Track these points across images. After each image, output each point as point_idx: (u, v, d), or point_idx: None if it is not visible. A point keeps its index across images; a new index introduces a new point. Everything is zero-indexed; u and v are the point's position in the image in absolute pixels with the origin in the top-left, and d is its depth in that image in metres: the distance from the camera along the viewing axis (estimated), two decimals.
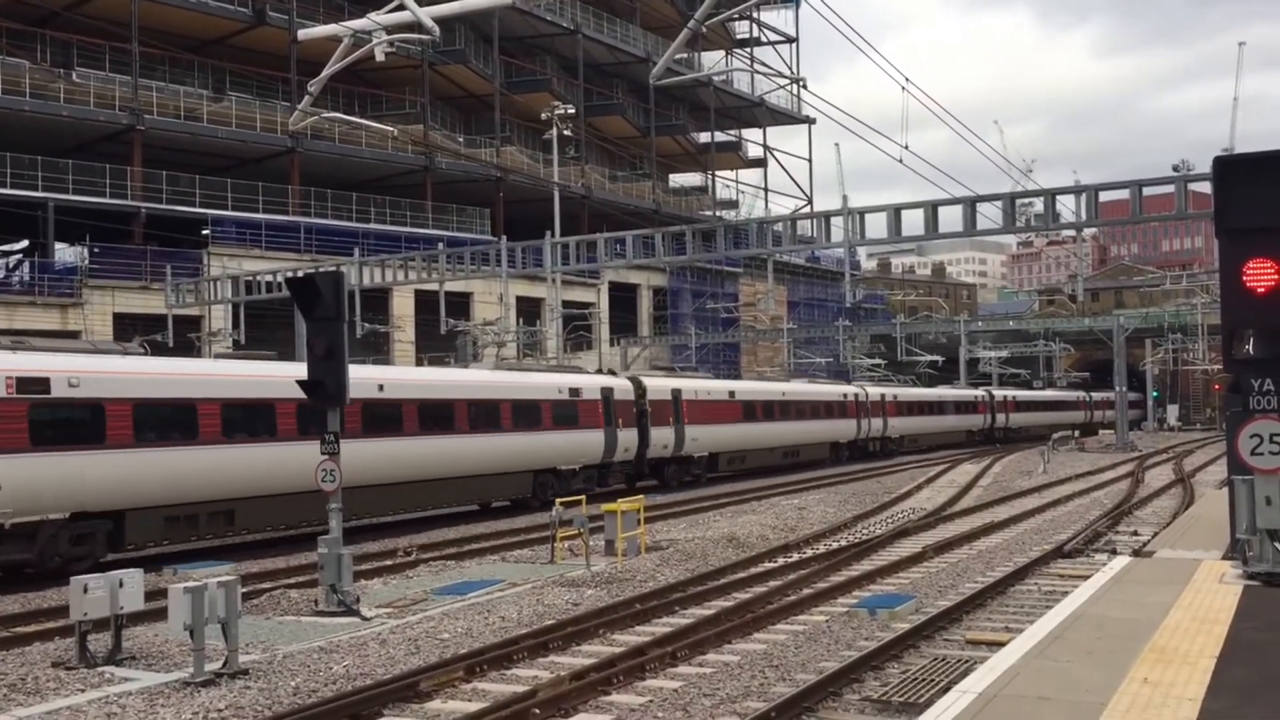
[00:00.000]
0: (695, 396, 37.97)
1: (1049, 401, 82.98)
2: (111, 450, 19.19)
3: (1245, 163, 13.07)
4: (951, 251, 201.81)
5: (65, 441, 18.64)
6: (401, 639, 13.22)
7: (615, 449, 32.88)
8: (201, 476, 20.51)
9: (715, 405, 39.27)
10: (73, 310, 42.54)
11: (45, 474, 18.16)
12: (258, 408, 22.09)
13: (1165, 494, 30.78)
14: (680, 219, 63.04)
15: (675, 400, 36.67)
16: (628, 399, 33.92)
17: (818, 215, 33.13)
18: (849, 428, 50.73)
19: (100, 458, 19.05)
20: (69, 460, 18.60)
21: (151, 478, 19.88)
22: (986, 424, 69.90)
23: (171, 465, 20.20)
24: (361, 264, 37.59)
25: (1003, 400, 73.44)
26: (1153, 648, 9.19)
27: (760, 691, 10.64)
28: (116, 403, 19.15)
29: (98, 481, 19.03)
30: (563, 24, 65.48)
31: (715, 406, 39.25)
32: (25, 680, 11.50)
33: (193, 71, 53.70)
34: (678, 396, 36.86)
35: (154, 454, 19.92)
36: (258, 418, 22.04)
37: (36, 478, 17.95)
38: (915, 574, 17.66)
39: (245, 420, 21.85)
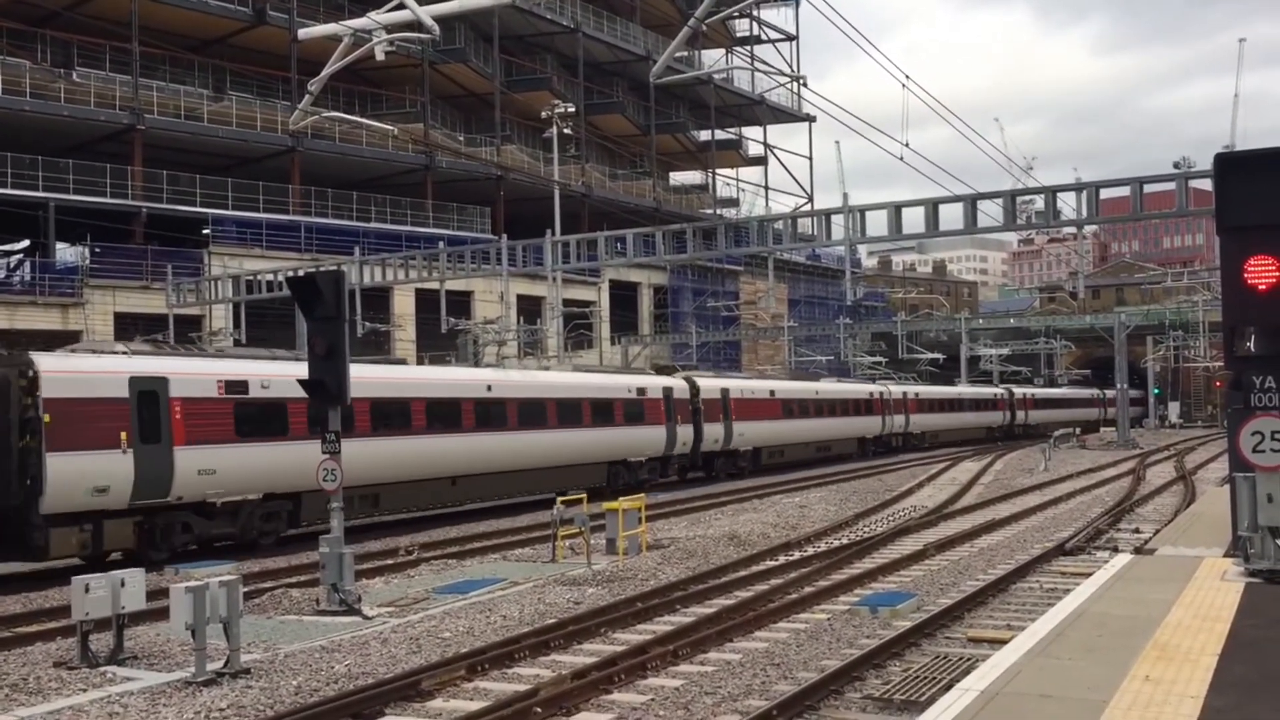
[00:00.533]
0: (741, 395, 40.86)
1: (1066, 399, 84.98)
2: (293, 441, 22.29)
3: (1246, 160, 13.05)
4: (952, 249, 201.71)
5: (260, 434, 21.96)
6: (403, 638, 13.22)
7: (675, 443, 35.99)
8: (357, 464, 22.32)
9: (758, 403, 42.25)
10: (73, 310, 42.55)
11: (247, 461, 21.42)
12: (397, 406, 25.40)
13: (1167, 491, 30.76)
14: (681, 217, 63.05)
15: (724, 399, 39.38)
16: (684, 398, 36.85)
17: (818, 213, 33.11)
18: (875, 424, 53.69)
19: (285, 448, 22.27)
20: (263, 450, 21.93)
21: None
22: (1007, 420, 72.01)
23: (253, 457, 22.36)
24: (362, 263, 37.59)
25: (1022, 398, 75.63)
26: (1154, 645, 9.18)
27: (762, 690, 10.64)
28: (296, 401, 21.34)
29: (283, 468, 22.16)
30: (563, 22, 65.46)
31: (758, 404, 42.22)
32: (27, 680, 11.50)
33: (193, 71, 53.71)
34: (726, 395, 39.60)
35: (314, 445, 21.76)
36: (397, 414, 25.35)
37: (241, 464, 21.24)
38: (917, 572, 17.65)
39: (388, 416, 25.00)
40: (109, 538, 19.45)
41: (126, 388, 19.73)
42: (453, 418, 26.74)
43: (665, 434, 35.50)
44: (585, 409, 31.76)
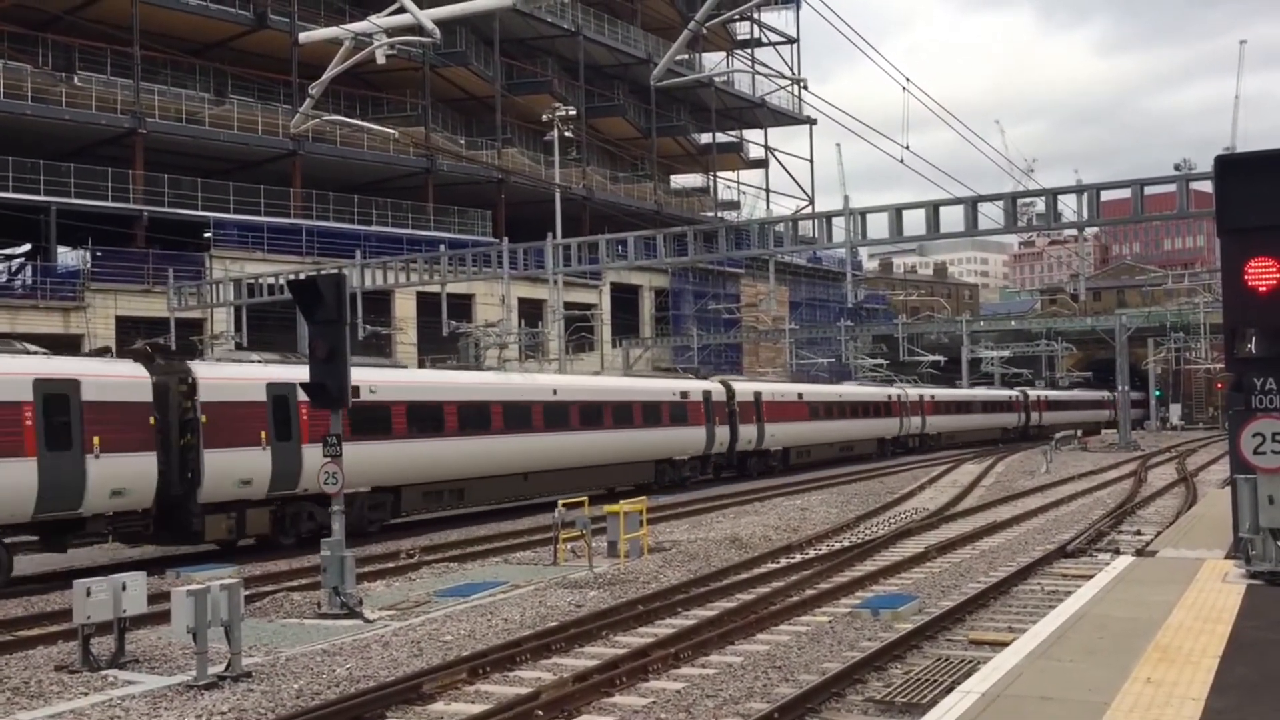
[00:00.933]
0: (772, 398, 43.26)
1: (1078, 401, 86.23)
2: (395, 440, 25.10)
3: (1247, 162, 13.06)
4: (953, 251, 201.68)
5: (369, 433, 24.17)
6: (404, 641, 13.22)
7: (714, 443, 38.56)
8: (447, 461, 26.44)
9: (787, 406, 44.70)
10: (75, 313, 42.58)
11: (360, 457, 22.80)
12: (479, 408, 27.87)
13: (1168, 493, 30.75)
14: (682, 220, 63.07)
15: (757, 402, 41.82)
16: (721, 400, 39.34)
17: (819, 216, 33.10)
18: (893, 425, 56.10)
19: (389, 445, 24.95)
20: (372, 447, 24.22)
21: (417, 461, 25.82)
22: (1021, 422, 73.91)
23: (429, 452, 26.15)
24: (363, 266, 37.58)
25: (1036, 400, 77.42)
26: (1156, 647, 9.18)
27: (763, 692, 10.64)
28: (398, 404, 25.07)
29: (387, 464, 24.76)
30: (563, 26, 65.50)
31: (787, 407, 44.68)
32: (29, 684, 11.51)
33: (194, 75, 53.76)
34: (759, 398, 42.04)
35: (419, 443, 25.92)
36: (480, 416, 27.79)
37: (355, 460, 21.85)
38: (918, 574, 17.65)
39: (472, 418, 27.51)
40: (250, 524, 21.86)
41: (265, 392, 22.20)
42: (525, 419, 29.35)
43: (705, 434, 38.03)
44: (636, 411, 34.39)
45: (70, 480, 18.74)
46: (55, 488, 18.49)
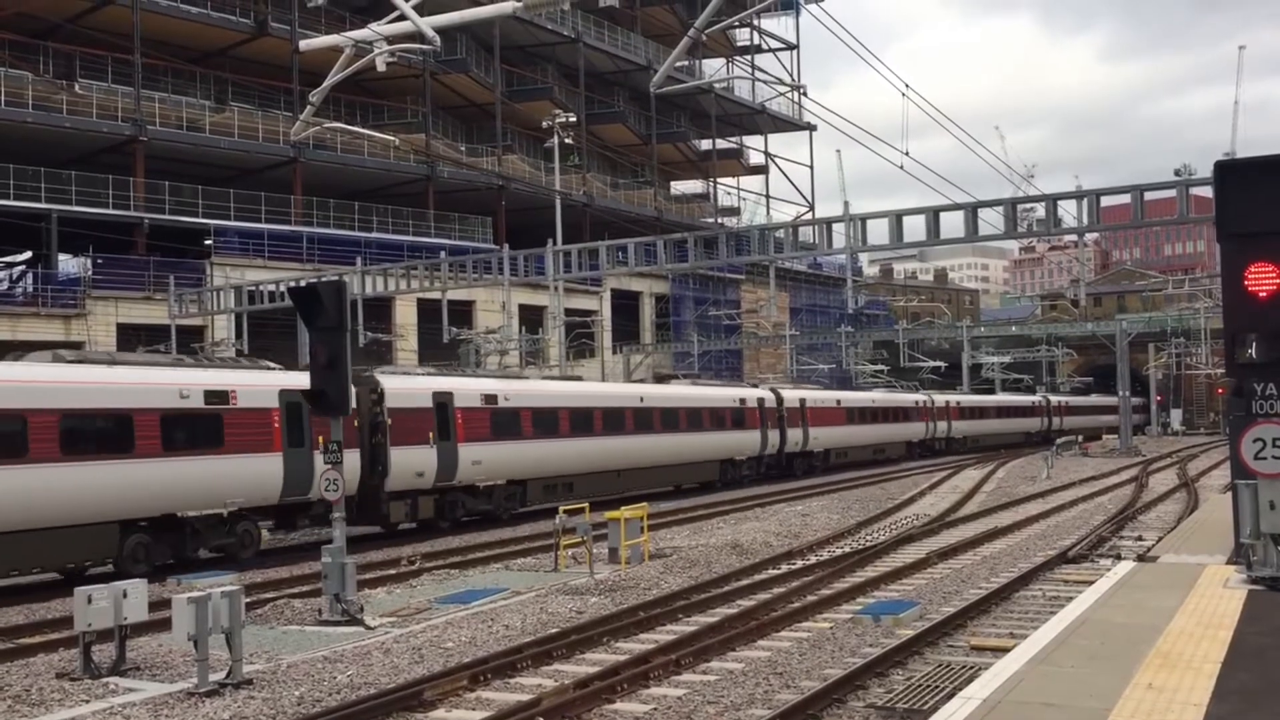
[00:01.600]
0: (815, 404, 47.15)
1: (1095, 406, 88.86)
2: (525, 440, 29.34)
3: (1246, 167, 13.07)
4: (953, 257, 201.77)
5: (505, 435, 28.47)
6: (405, 648, 13.21)
7: (767, 445, 42.43)
8: (560, 458, 30.68)
9: (828, 410, 48.52)
10: (76, 321, 42.61)
11: (499, 455, 28.10)
12: (585, 414, 31.88)
13: (1169, 499, 30.73)
14: (682, 226, 63.21)
15: (802, 407, 45.64)
16: (773, 406, 43.12)
17: (820, 222, 33.15)
18: (921, 429, 60.18)
19: (520, 445, 29.13)
20: (508, 446, 28.57)
21: (539, 458, 29.98)
22: (1044, 426, 76.70)
23: (548, 451, 30.25)
24: (364, 273, 37.64)
25: (1058, 405, 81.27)
26: (1157, 653, 9.18)
27: (764, 699, 10.63)
28: (525, 410, 29.35)
29: (519, 460, 29.20)
30: (564, 33, 65.58)
31: (828, 412, 48.46)
32: (30, 691, 11.51)
33: (195, 82, 53.83)
34: (804, 404, 45.91)
35: (540, 443, 30.03)
36: (585, 421, 31.74)
37: (496, 456, 28.01)
38: (919, 580, 17.64)
39: (578, 422, 31.46)
40: (420, 509, 26.11)
41: (430, 399, 26.41)
42: (620, 423, 33.33)
43: (760, 437, 41.90)
44: (705, 416, 38.19)
45: (304, 471, 22.56)
46: (294, 477, 22.51)
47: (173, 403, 20.63)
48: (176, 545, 20.78)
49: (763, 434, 41.86)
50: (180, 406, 20.75)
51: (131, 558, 19.67)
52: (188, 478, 20.65)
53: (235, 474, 21.41)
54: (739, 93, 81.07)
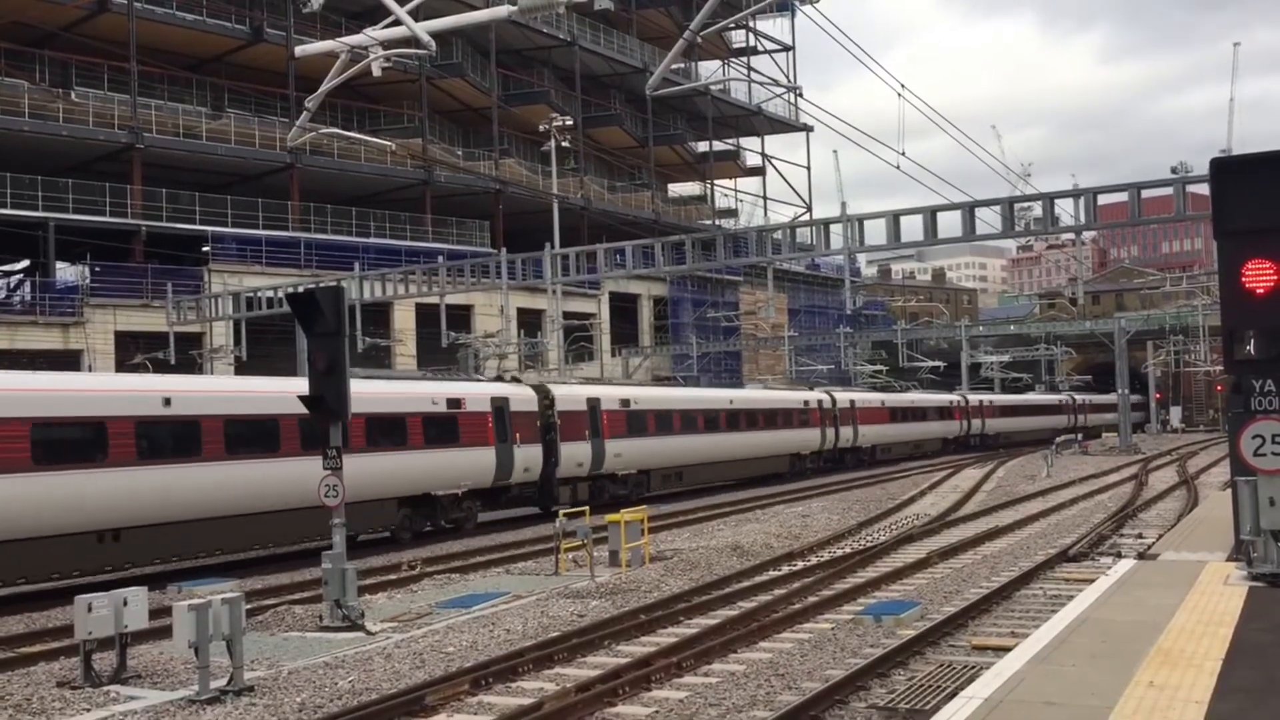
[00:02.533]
0: (863, 405, 52.83)
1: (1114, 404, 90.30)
2: (649, 437, 35.06)
3: (1243, 164, 13.08)
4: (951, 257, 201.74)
5: (637, 433, 34.52)
6: (406, 653, 13.21)
7: (824, 441, 47.97)
8: (675, 452, 36.54)
9: (873, 410, 54.21)
10: (74, 329, 42.57)
11: (633, 448, 34.33)
12: (691, 415, 37.81)
13: (1169, 496, 30.74)
14: (679, 228, 63.17)
15: (852, 407, 51.19)
16: (829, 407, 48.66)
17: (817, 223, 33.14)
18: (955, 426, 65.61)
19: (646, 440, 34.94)
20: (639, 442, 34.51)
21: (660, 451, 35.67)
22: (1071, 423, 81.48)
23: (665, 445, 35.97)
24: (362, 278, 37.63)
25: (1083, 403, 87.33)
26: (1158, 651, 9.17)
27: (766, 700, 10.62)
28: (650, 412, 35.36)
29: (646, 453, 35.06)
30: (559, 36, 65.58)
31: (873, 411, 54.12)
32: (30, 700, 11.49)
33: (191, 89, 53.80)
34: (853, 405, 51.46)
35: (660, 439, 35.68)
36: (692, 421, 37.78)
37: (631, 450, 34.22)
38: (920, 580, 17.64)
39: (687, 423, 37.42)
40: (579, 494, 31.33)
41: (585, 404, 32.20)
42: (716, 423, 39.22)
43: (820, 434, 47.65)
44: (779, 417, 44.20)
45: (507, 461, 28.48)
46: (502, 466, 28.30)
47: (430, 408, 26.55)
48: (430, 518, 26.53)
49: (823, 431, 47.75)
50: (433, 411, 26.61)
51: (402, 526, 25.62)
52: (439, 465, 26.44)
53: (466, 463, 27.39)
54: (735, 95, 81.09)
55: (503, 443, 28.30)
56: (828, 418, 48.20)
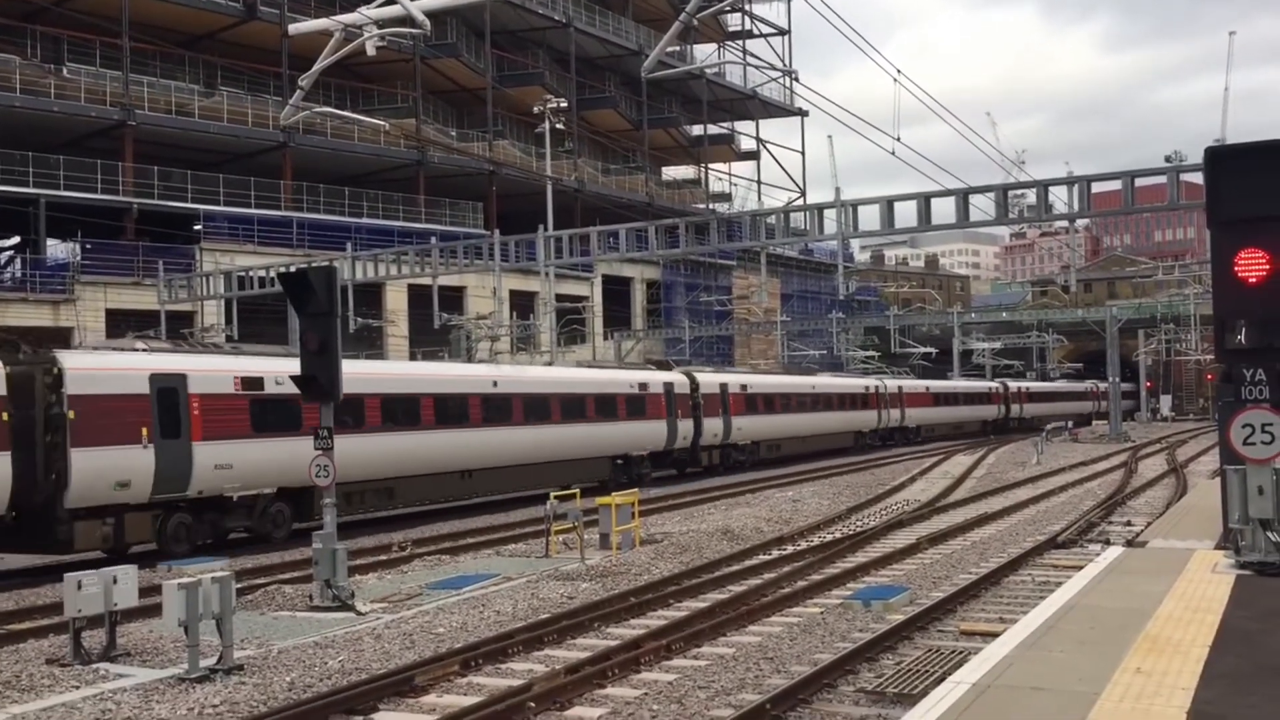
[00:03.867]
0: (909, 391, 60.55)
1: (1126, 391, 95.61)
2: (759, 415, 43.10)
3: (1236, 153, 13.08)
4: (945, 243, 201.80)
5: (752, 411, 42.46)
6: (396, 634, 13.22)
7: (879, 422, 56.25)
8: (779, 427, 44.87)
9: (918, 395, 61.79)
10: (65, 306, 42.43)
11: (749, 424, 41.86)
12: (792, 396, 46.60)
13: (1158, 484, 30.85)
14: (673, 212, 63.01)
15: (900, 393, 58.98)
16: (881, 392, 56.61)
17: (811, 208, 33.11)
18: (994, 410, 72.80)
19: (756, 418, 42.80)
20: (753, 419, 42.47)
21: (769, 427, 44.08)
22: (1095, 408, 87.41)
23: (772, 422, 44.28)
24: (354, 259, 37.53)
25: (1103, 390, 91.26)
26: (1146, 637, 9.22)
27: (755, 684, 10.66)
28: (760, 395, 43.35)
29: (758, 428, 43.04)
30: (554, 17, 65.32)
31: (918, 396, 61.67)
32: (19, 677, 11.49)
33: (184, 66, 53.49)
34: (901, 390, 59.41)
35: (769, 417, 44.03)
36: (791, 401, 46.25)
37: (747, 425, 41.77)
38: (909, 565, 17.69)
39: (788, 402, 45.96)
40: (712, 458, 40.20)
41: (719, 388, 40.27)
42: (806, 404, 47.74)
43: (877, 416, 55.82)
44: (849, 400, 52.89)
45: (674, 431, 36.92)
46: (670, 434, 36.75)
47: (629, 390, 35.03)
48: (628, 473, 34.17)
49: (879, 413, 56.05)
50: (631, 392, 34.97)
51: (613, 479, 32.82)
52: (635, 433, 35.14)
53: (649, 432, 35.90)
54: (730, 78, 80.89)
55: (671, 417, 36.71)
56: (882, 401, 56.27)
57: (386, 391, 25.61)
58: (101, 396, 19.54)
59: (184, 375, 21.15)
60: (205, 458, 20.98)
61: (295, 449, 20.85)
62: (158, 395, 20.40)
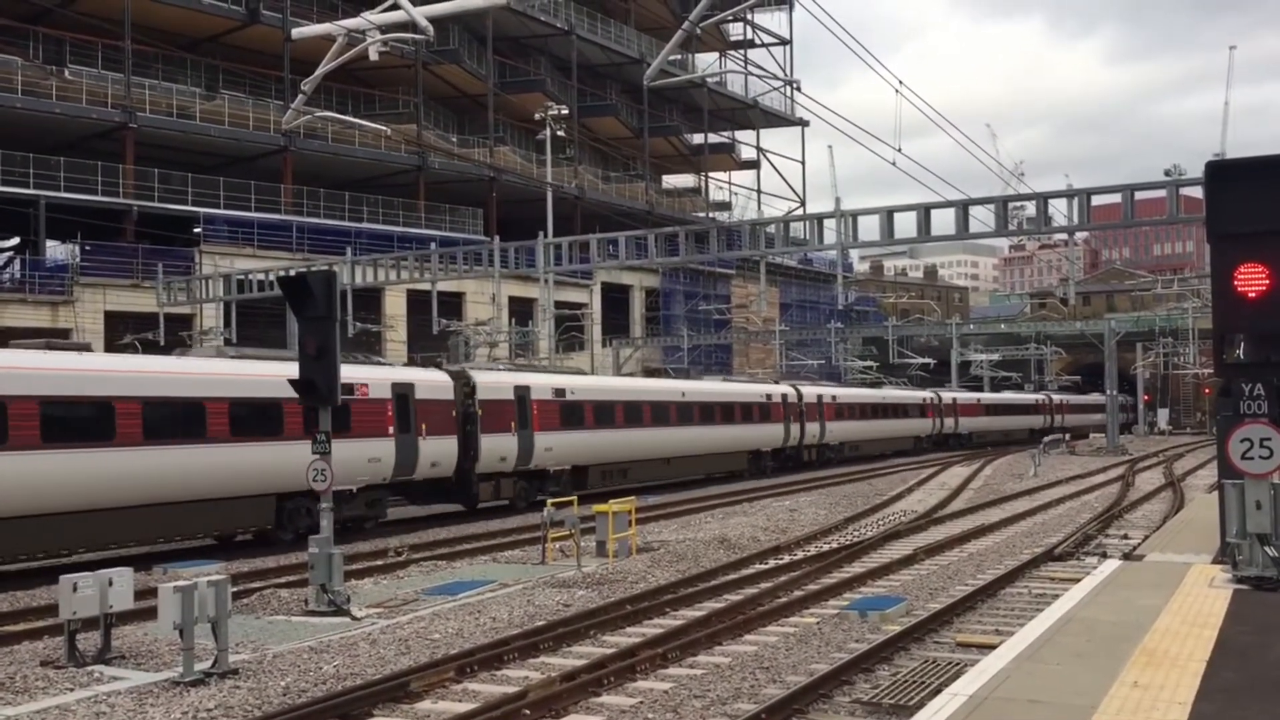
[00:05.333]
0: (963, 402, 69.03)
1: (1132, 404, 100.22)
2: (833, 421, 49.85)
3: (1237, 167, 13.10)
4: (944, 254, 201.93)
5: (834, 418, 49.90)
6: (392, 639, 13.20)
7: (934, 428, 63.75)
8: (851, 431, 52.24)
9: (971, 406, 70.55)
10: (63, 308, 42.40)
11: (831, 428, 49.57)
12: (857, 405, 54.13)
13: (1156, 498, 30.84)
14: (673, 220, 63.02)
15: (954, 403, 67.23)
16: (936, 403, 64.27)
17: (811, 217, 33.14)
18: (1039, 420, 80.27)
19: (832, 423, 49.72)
20: (833, 424, 49.80)
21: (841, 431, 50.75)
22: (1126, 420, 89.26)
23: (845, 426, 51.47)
24: (354, 263, 37.51)
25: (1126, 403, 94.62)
26: (1143, 651, 9.21)
27: (751, 693, 10.64)
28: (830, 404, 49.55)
29: (836, 432, 50.28)
30: (557, 24, 65.43)
31: (971, 407, 70.46)
32: (13, 679, 11.46)
33: (186, 69, 53.56)
34: (955, 401, 67.51)
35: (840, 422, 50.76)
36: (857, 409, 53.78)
37: (832, 428, 49.50)
38: (906, 576, 17.67)
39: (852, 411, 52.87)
40: (810, 455, 47.61)
41: (816, 397, 48.35)
42: (869, 412, 54.60)
43: (932, 424, 63.47)
44: (907, 409, 60.65)
45: (789, 432, 45.24)
46: (787, 435, 44.95)
47: (757, 399, 43.21)
48: (758, 464, 42.67)
49: (933, 421, 63.36)
50: (759, 401, 43.16)
51: (749, 470, 42.09)
52: (763, 433, 43.68)
53: (772, 433, 44.26)
54: (732, 88, 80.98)
55: (787, 421, 44.21)
56: (939, 411, 64.60)
57: (625, 399, 34.98)
58: (493, 401, 28.42)
59: (529, 386, 30.03)
60: (541, 443, 30.03)
61: (584, 438, 32.26)
62: (518, 401, 29.27)
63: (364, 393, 24.30)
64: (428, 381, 26.89)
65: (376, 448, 24.48)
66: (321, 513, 15.33)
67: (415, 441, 25.57)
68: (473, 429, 27.75)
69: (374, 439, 24.42)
